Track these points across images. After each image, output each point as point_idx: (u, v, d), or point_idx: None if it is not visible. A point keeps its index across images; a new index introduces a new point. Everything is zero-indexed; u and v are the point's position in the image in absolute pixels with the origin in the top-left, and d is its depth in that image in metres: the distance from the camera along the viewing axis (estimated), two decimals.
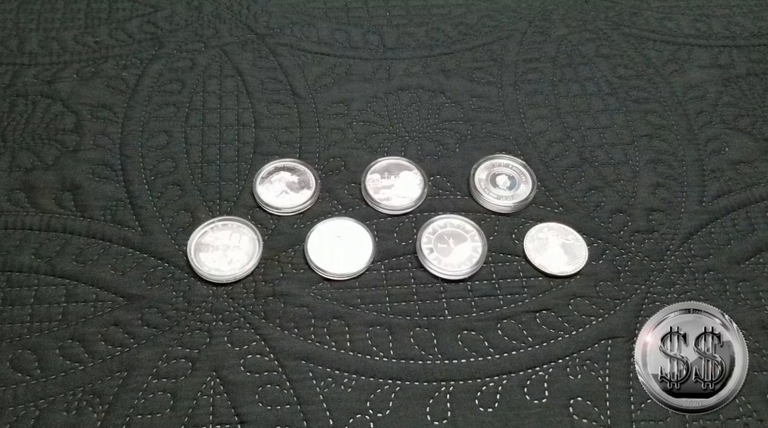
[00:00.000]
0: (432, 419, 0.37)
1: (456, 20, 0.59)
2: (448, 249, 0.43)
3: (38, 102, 0.51)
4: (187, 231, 0.43)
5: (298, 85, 0.53)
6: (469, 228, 0.44)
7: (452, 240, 0.44)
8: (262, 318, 0.40)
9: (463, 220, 0.44)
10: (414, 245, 0.44)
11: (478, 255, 0.43)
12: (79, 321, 0.39)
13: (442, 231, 0.44)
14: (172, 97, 0.52)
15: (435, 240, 0.43)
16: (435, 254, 0.43)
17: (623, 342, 0.39)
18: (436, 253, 0.43)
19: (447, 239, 0.44)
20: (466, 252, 0.43)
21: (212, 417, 0.36)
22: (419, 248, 0.43)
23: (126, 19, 0.57)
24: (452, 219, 0.45)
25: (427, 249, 0.43)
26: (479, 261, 0.42)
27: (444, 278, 0.42)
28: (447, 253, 0.43)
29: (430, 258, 0.42)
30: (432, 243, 0.43)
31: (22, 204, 0.45)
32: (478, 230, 0.44)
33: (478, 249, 0.43)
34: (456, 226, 0.44)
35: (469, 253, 0.43)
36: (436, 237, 0.44)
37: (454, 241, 0.43)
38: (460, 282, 0.42)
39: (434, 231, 0.44)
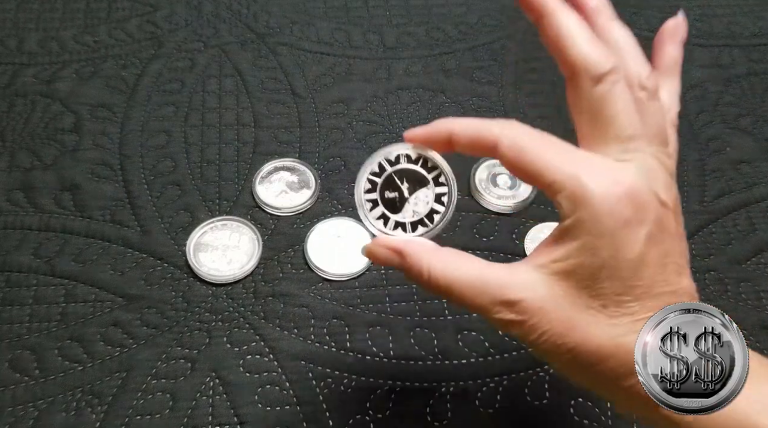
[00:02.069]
0: (432, 420, 0.36)
1: (456, 20, 0.59)
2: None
3: (37, 101, 0.51)
4: (186, 231, 0.43)
5: (298, 85, 0.53)
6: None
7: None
8: (262, 318, 0.40)
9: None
10: None
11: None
12: (78, 321, 0.39)
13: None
14: (172, 96, 0.52)
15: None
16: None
17: None
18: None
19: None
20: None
21: (211, 418, 0.36)
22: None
23: (125, 19, 0.57)
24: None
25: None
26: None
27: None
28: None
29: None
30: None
31: (21, 204, 0.45)
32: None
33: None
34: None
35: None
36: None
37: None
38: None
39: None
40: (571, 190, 0.24)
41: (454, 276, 0.25)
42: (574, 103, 0.26)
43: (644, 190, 0.24)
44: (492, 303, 0.24)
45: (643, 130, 0.25)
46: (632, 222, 0.23)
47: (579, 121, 0.26)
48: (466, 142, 0.26)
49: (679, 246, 0.25)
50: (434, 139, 0.27)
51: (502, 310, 0.24)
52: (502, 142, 0.25)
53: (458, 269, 0.25)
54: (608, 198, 0.23)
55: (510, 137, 0.25)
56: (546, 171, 0.24)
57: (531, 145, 0.25)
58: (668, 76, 0.29)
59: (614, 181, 0.24)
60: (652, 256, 0.23)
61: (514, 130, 0.25)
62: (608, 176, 0.24)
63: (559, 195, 0.24)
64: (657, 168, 0.25)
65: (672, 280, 0.24)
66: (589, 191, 0.23)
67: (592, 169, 0.24)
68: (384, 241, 0.27)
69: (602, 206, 0.23)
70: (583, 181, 0.23)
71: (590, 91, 0.25)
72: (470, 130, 0.26)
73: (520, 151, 0.25)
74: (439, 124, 0.27)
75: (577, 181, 0.24)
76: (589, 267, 0.23)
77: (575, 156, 0.25)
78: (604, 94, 0.25)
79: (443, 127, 0.27)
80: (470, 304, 0.25)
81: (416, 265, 0.26)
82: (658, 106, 0.26)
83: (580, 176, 0.24)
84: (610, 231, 0.23)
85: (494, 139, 0.25)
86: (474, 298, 0.25)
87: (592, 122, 0.25)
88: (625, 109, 0.25)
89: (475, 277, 0.25)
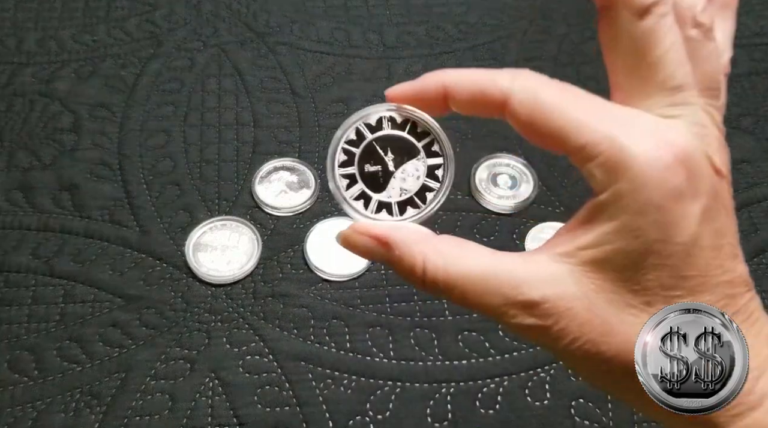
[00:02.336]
0: (433, 421, 0.36)
1: (457, 19, 0.59)
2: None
3: (36, 101, 0.51)
4: (185, 231, 0.43)
5: (298, 84, 0.53)
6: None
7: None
8: (262, 318, 0.40)
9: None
10: None
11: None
12: (77, 321, 0.39)
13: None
14: (171, 96, 0.51)
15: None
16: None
17: None
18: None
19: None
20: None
21: (211, 419, 0.36)
22: None
23: (124, 18, 0.57)
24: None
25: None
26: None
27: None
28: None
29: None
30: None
31: (20, 204, 0.44)
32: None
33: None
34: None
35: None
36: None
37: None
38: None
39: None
40: (607, 156, 0.19)
41: (456, 270, 0.20)
42: (608, 44, 0.21)
43: (698, 154, 0.19)
44: (505, 305, 0.20)
45: (694, 78, 0.20)
46: (685, 194, 0.19)
47: (613, 66, 0.21)
48: (465, 97, 0.21)
49: (733, 223, 0.20)
50: (425, 96, 0.22)
51: (519, 313, 0.20)
52: (514, 96, 0.20)
53: (461, 262, 0.20)
54: (655, 164, 0.18)
55: (524, 89, 0.20)
56: (574, 131, 0.19)
57: (552, 98, 0.20)
58: (724, 13, 0.22)
59: (662, 143, 0.19)
60: (706, 238, 0.19)
61: (529, 80, 0.20)
62: (654, 137, 0.19)
63: (590, 162, 0.19)
64: (709, 126, 0.20)
65: (728, 266, 0.20)
66: (631, 156, 0.18)
67: (633, 128, 0.19)
68: (364, 227, 0.22)
69: (648, 175, 0.18)
70: (622, 143, 0.19)
71: (631, 26, 0.20)
72: (471, 83, 0.21)
73: (538, 106, 0.20)
74: (430, 76, 0.22)
75: (614, 143, 0.19)
76: (631, 254, 0.19)
77: (610, 112, 0.20)
78: (648, 31, 0.20)
79: (435, 81, 0.22)
80: (477, 306, 0.20)
81: (407, 258, 0.21)
82: (713, 48, 0.21)
83: (619, 137, 0.19)
84: (657, 206, 0.18)
85: (503, 93, 0.20)
86: (482, 299, 0.20)
87: (632, 67, 0.21)
88: (674, 50, 0.20)
89: (482, 272, 0.20)
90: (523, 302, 0.20)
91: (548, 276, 0.20)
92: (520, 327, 0.20)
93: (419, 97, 0.23)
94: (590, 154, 0.19)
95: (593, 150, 0.19)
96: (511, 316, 0.20)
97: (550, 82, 0.20)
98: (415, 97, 0.23)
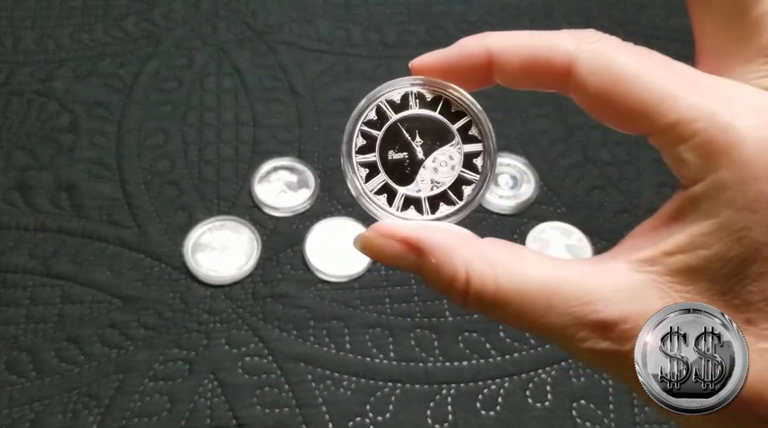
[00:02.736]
0: (433, 422, 0.36)
1: (457, 17, 0.59)
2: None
3: (33, 100, 0.50)
4: (184, 232, 0.43)
5: (297, 83, 0.52)
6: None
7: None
8: (261, 319, 0.39)
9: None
10: None
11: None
12: (75, 322, 0.39)
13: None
14: (170, 95, 0.51)
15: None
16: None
17: None
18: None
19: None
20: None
21: (210, 420, 0.36)
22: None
23: (122, 17, 0.57)
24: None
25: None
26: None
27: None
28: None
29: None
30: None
31: (17, 204, 0.44)
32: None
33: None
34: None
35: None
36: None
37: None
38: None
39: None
40: (706, 136, 0.15)
41: (509, 283, 0.17)
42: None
43: None
44: (574, 326, 0.16)
45: None
46: None
47: (702, 26, 0.18)
48: (517, 65, 0.17)
49: None
50: (462, 65, 0.18)
51: (590, 336, 0.16)
52: (582, 62, 0.16)
53: (515, 272, 0.17)
54: (766, 145, 0.15)
55: (595, 53, 0.16)
56: (662, 105, 0.16)
57: (632, 64, 0.16)
58: None
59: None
60: None
61: (600, 42, 0.17)
62: (761, 114, 0.15)
63: (682, 144, 0.16)
64: None
65: None
66: (738, 137, 0.15)
67: (735, 103, 0.16)
68: (389, 228, 0.18)
69: (758, 160, 0.15)
70: (725, 120, 0.15)
71: None
72: (525, 47, 0.17)
73: (612, 74, 0.16)
74: (470, 41, 0.18)
75: (715, 120, 0.15)
76: (732, 261, 0.15)
77: (704, 82, 0.16)
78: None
79: (477, 46, 0.18)
80: (538, 328, 0.17)
81: (446, 267, 0.17)
82: None
83: (720, 113, 0.15)
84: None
85: (568, 57, 0.17)
86: (544, 319, 0.16)
87: (726, 28, 0.17)
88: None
89: (544, 284, 0.16)
90: (596, 322, 0.16)
91: (627, 289, 0.16)
92: (591, 352, 0.16)
93: (456, 67, 0.18)
94: (683, 133, 0.15)
95: (686, 129, 0.15)
96: (580, 339, 0.16)
97: (624, 45, 0.17)
98: (450, 68, 0.18)
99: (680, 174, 0.16)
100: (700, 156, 0.15)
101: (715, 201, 0.15)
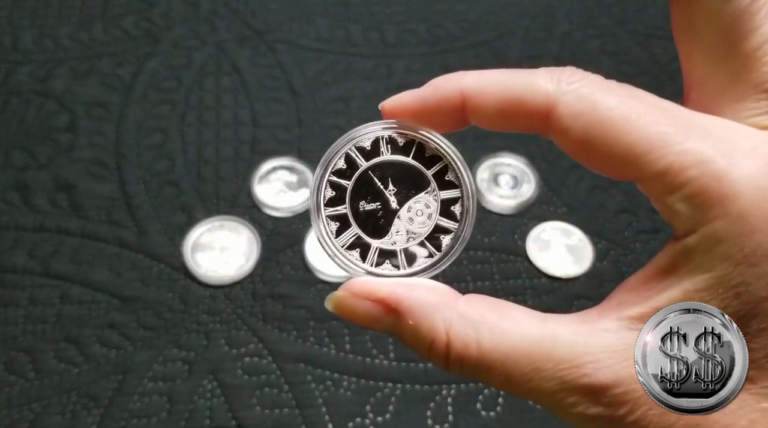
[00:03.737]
0: (433, 423, 0.36)
1: (458, 17, 0.58)
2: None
3: (32, 100, 0.50)
4: (183, 232, 0.43)
5: (297, 83, 0.52)
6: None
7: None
8: (261, 320, 0.39)
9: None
10: None
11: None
12: (74, 323, 0.39)
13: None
14: (169, 94, 0.51)
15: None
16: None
17: None
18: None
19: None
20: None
21: (210, 421, 0.35)
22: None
23: (121, 16, 0.57)
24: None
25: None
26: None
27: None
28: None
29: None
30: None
31: (16, 204, 0.44)
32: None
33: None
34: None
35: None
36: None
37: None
38: (462, 283, 0.41)
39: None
40: (699, 185, 0.14)
41: (492, 346, 0.15)
42: (685, 29, 0.17)
43: None
44: (563, 391, 0.15)
45: None
46: None
47: (691, 59, 0.17)
48: (493, 107, 0.16)
49: None
50: (435, 108, 0.17)
51: (581, 401, 0.15)
52: (563, 105, 0.15)
53: (499, 333, 0.16)
54: (765, 194, 0.14)
55: (576, 95, 0.15)
56: (650, 152, 0.14)
57: (616, 106, 0.15)
58: None
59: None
60: None
61: (581, 82, 0.15)
62: (757, 158, 0.14)
63: (673, 194, 0.14)
64: None
65: None
66: (733, 184, 0.14)
67: (729, 146, 0.14)
68: (362, 288, 0.17)
69: (756, 211, 0.14)
70: (719, 167, 0.14)
71: (720, 4, 0.16)
72: (501, 88, 0.16)
73: (596, 118, 0.15)
74: (443, 82, 0.17)
75: (708, 168, 0.14)
76: (731, 318, 0.15)
77: (696, 123, 0.15)
78: (741, 12, 0.15)
79: (451, 87, 0.17)
80: (524, 393, 0.16)
81: (425, 329, 0.16)
82: None
83: (714, 159, 0.14)
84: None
85: (548, 99, 0.15)
86: (530, 383, 0.15)
87: (717, 61, 0.16)
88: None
89: (530, 346, 0.15)
90: (587, 386, 0.15)
91: (619, 350, 0.15)
92: (583, 417, 0.15)
93: (429, 109, 0.17)
94: (673, 182, 0.14)
95: (678, 177, 0.14)
96: (570, 405, 0.15)
97: (609, 85, 0.15)
98: (422, 111, 0.17)
99: (672, 224, 0.15)
100: (693, 206, 0.14)
101: (710, 254, 0.14)
